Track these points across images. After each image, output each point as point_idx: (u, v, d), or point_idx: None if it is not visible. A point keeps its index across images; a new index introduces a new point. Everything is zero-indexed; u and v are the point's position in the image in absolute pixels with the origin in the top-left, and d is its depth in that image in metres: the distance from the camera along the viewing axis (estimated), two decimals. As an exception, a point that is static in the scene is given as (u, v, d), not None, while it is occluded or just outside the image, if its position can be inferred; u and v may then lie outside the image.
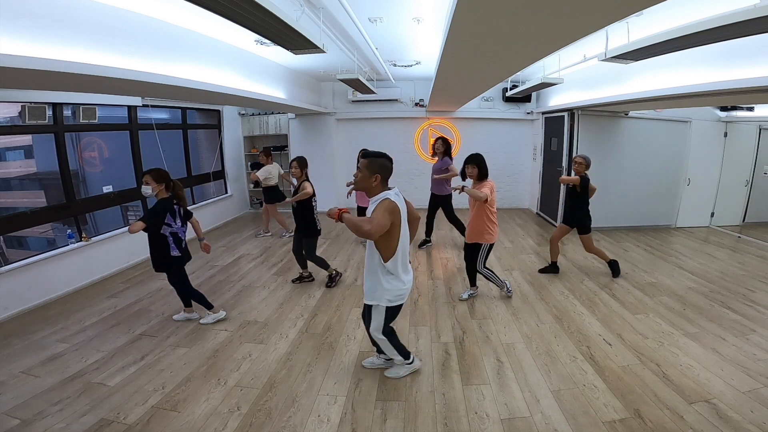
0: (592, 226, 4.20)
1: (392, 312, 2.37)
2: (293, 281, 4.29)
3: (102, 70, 2.52)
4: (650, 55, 2.91)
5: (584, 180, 4.06)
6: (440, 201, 5.15)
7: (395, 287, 2.28)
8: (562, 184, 4.53)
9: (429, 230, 5.42)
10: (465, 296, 3.77)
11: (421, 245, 5.42)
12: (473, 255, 3.60)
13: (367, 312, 2.44)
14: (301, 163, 3.98)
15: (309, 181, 3.96)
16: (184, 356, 2.89)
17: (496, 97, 7.59)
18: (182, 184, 3.26)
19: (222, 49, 4.02)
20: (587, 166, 4.07)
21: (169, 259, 3.15)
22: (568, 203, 4.28)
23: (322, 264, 4.14)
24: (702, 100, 4.51)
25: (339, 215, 2.18)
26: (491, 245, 3.52)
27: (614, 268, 4.30)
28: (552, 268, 4.45)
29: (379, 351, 2.63)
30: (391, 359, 2.60)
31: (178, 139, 6.34)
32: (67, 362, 2.83)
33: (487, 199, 3.30)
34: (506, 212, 7.58)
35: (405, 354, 2.55)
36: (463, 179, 3.62)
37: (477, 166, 3.42)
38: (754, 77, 2.84)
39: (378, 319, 2.36)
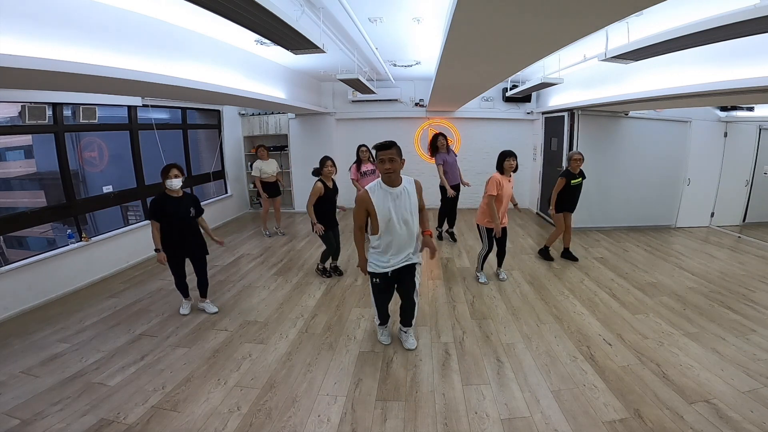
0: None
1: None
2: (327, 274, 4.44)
3: (102, 70, 2.52)
4: (650, 55, 2.91)
5: (583, 175, 4.65)
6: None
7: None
8: (561, 185, 4.74)
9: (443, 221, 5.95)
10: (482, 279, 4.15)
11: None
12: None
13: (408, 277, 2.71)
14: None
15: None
16: (184, 356, 2.89)
17: (496, 97, 7.58)
18: (182, 184, 3.37)
19: (222, 49, 4.02)
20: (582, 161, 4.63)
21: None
22: (575, 196, 4.72)
23: (325, 256, 4.35)
24: (702, 100, 4.51)
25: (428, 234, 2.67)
26: (488, 230, 3.97)
27: (569, 256, 4.88)
28: (566, 254, 4.98)
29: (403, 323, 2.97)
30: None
31: (178, 139, 6.34)
32: (67, 362, 2.83)
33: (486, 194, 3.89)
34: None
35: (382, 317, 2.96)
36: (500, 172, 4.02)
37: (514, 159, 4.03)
38: (754, 77, 2.84)
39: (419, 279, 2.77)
